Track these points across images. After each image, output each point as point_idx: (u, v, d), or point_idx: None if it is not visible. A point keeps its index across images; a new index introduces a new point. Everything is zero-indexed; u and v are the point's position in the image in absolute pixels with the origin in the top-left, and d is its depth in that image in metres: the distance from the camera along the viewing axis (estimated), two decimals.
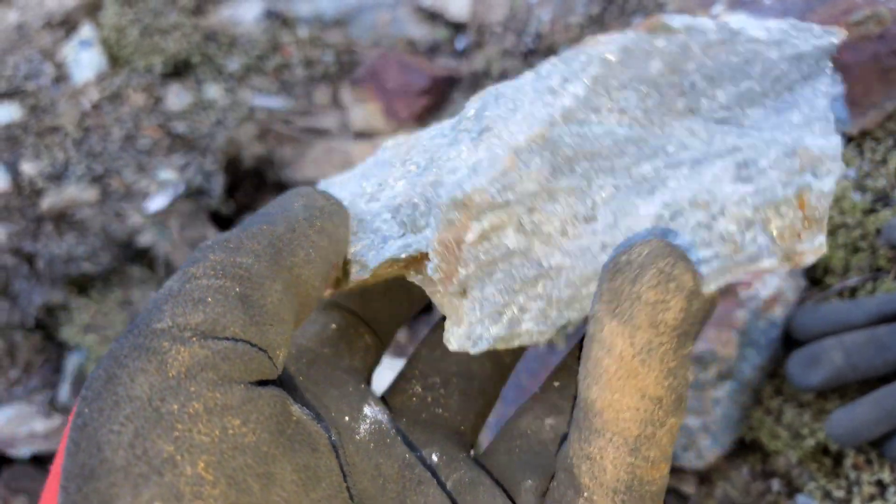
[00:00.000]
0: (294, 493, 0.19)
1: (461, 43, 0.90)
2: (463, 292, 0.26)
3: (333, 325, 0.28)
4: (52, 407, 0.76)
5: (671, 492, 0.64)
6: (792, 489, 0.62)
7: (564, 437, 0.24)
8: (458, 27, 0.91)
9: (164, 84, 0.85)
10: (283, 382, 0.24)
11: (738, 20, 0.29)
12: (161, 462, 0.17)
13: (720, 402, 0.59)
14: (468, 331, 0.26)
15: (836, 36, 0.29)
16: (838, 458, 0.61)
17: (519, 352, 0.28)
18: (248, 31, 0.89)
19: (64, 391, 0.78)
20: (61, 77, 0.86)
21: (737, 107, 0.29)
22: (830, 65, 0.29)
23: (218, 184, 0.82)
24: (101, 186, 0.80)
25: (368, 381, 0.28)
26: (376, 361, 0.29)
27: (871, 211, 0.67)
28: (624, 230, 0.26)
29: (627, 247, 0.21)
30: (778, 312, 0.61)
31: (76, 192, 0.79)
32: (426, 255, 0.27)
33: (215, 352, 0.19)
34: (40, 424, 0.73)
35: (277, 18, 0.90)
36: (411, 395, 0.27)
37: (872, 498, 0.58)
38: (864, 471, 0.59)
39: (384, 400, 0.28)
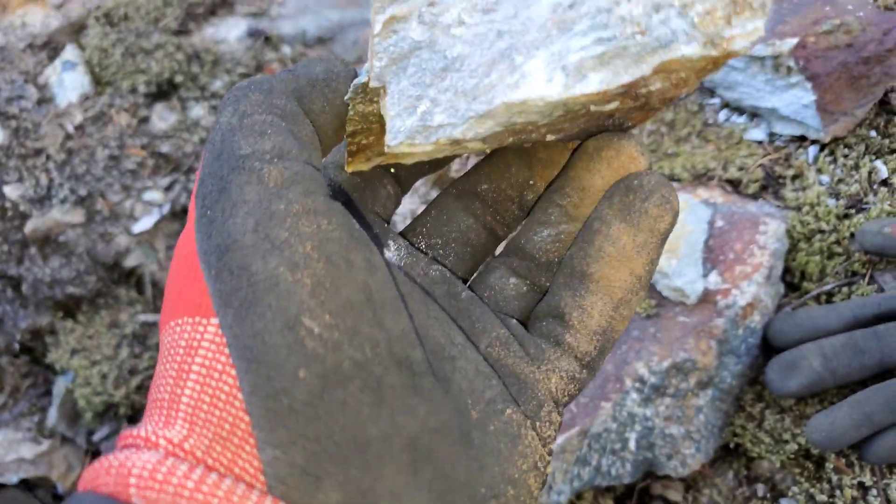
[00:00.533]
0: (364, 274, 0.25)
1: None
2: (383, 89, 0.27)
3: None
4: (41, 432, 0.76)
5: (659, 499, 0.65)
6: (776, 493, 0.63)
7: (527, 294, 0.31)
8: None
9: (149, 104, 0.86)
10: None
11: None
12: (281, 242, 0.23)
13: (702, 410, 0.60)
14: (389, 125, 0.27)
15: None
16: (820, 462, 0.62)
17: (513, 224, 0.33)
18: (232, 50, 0.90)
19: (52, 415, 0.78)
20: (44, 99, 0.87)
21: None
22: None
23: None
24: (85, 208, 0.80)
25: (388, 223, 0.33)
26: (396, 206, 0.34)
27: (845, 216, 0.68)
28: (523, 19, 0.26)
29: (637, 174, 0.28)
30: (756, 319, 0.62)
31: (61, 215, 0.79)
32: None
33: (295, 171, 0.25)
34: (28, 450, 0.73)
35: (261, 37, 0.91)
36: (416, 247, 0.33)
37: (855, 500, 0.59)
38: (845, 474, 0.60)
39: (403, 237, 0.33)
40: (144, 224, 0.79)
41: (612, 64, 0.25)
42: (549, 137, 0.28)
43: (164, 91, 0.86)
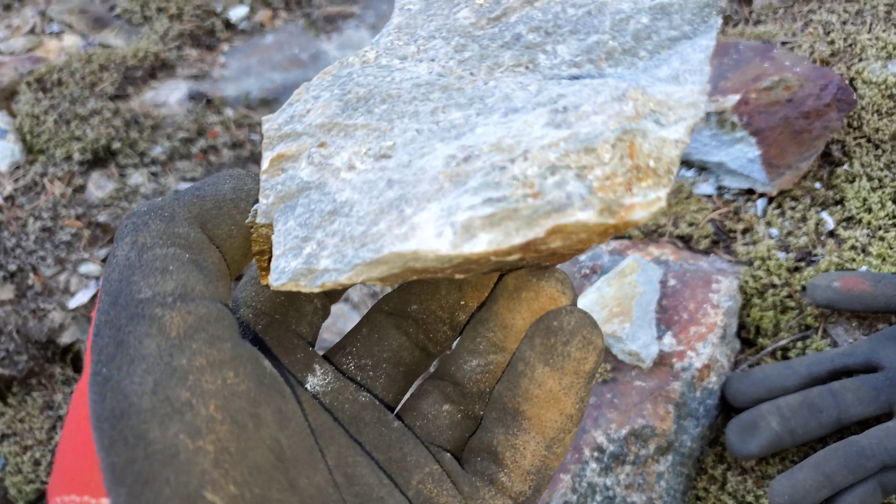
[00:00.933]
0: (274, 430, 0.23)
1: None
2: (269, 226, 0.27)
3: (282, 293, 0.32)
4: None
5: None
6: None
7: (460, 422, 0.30)
8: None
9: (84, 172, 0.82)
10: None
11: None
12: (181, 405, 0.21)
13: (663, 475, 0.58)
14: (274, 264, 0.26)
15: None
16: None
17: (445, 344, 0.32)
18: (173, 113, 0.88)
19: None
20: None
21: (588, 63, 0.27)
22: (718, 19, 0.26)
23: None
24: (16, 284, 0.76)
25: (314, 342, 0.32)
26: (324, 318, 0.33)
27: (795, 269, 0.68)
28: (415, 170, 0.25)
29: (557, 312, 0.28)
30: (713, 380, 0.61)
31: None
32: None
33: (200, 315, 0.23)
34: None
35: (203, 100, 0.89)
36: (344, 370, 0.31)
37: None
38: None
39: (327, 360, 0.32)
40: (81, 298, 0.76)
41: (502, 225, 0.23)
42: (459, 276, 0.26)
43: (100, 158, 0.83)
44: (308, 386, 0.29)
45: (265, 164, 0.27)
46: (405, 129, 0.26)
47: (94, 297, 0.76)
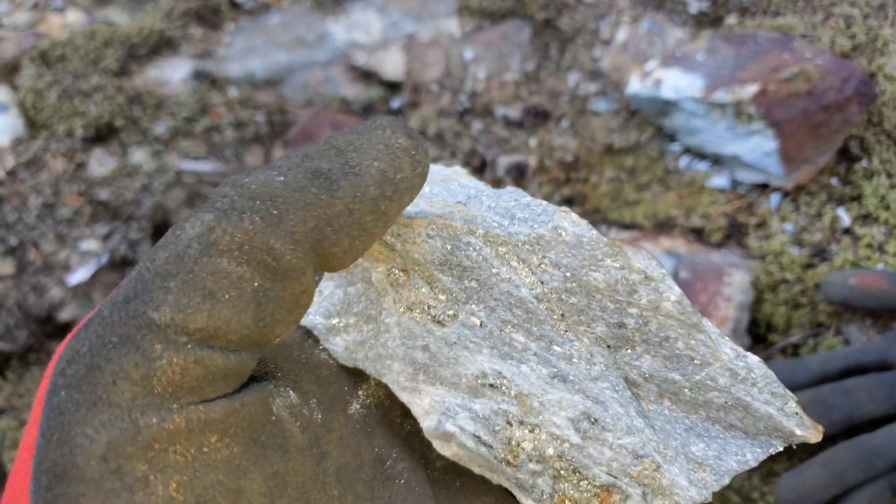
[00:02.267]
0: (261, 502, 0.19)
1: (396, 102, 0.88)
2: None
3: None
4: None
5: None
6: None
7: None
8: (393, 86, 0.89)
9: (86, 149, 0.81)
10: (278, 356, 0.24)
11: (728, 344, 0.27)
12: (134, 481, 0.17)
13: None
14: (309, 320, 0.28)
15: (803, 430, 0.25)
16: None
17: None
18: (176, 92, 0.86)
19: None
20: None
21: (653, 385, 0.26)
22: (779, 447, 0.26)
23: (144, 253, 0.78)
24: (16, 259, 0.75)
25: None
26: None
27: (809, 266, 0.67)
28: (451, 356, 0.26)
29: None
30: None
31: None
32: None
33: (208, 370, 0.18)
34: None
35: (206, 79, 0.88)
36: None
37: None
38: None
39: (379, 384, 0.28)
40: (81, 275, 0.74)
41: (472, 459, 0.25)
42: None
43: (102, 135, 0.82)
44: (352, 409, 0.25)
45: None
46: (472, 313, 0.26)
47: (94, 275, 0.75)
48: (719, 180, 0.74)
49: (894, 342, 0.58)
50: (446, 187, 0.29)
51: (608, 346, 0.26)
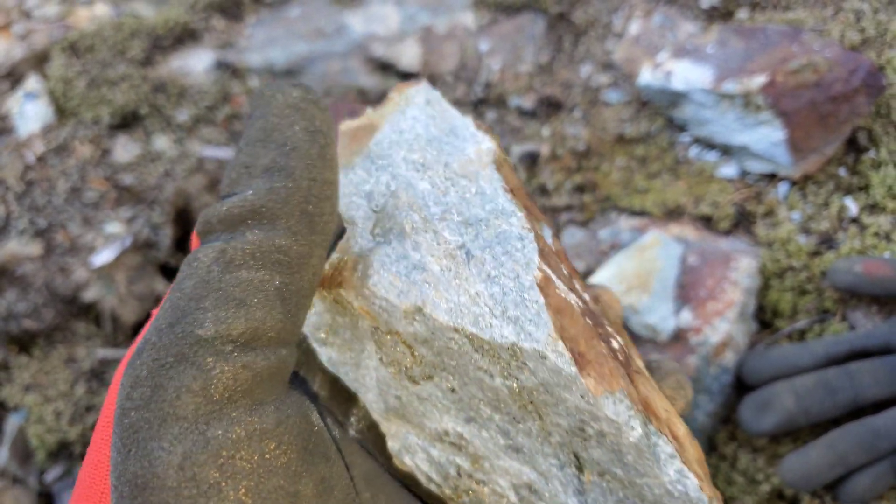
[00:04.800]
0: None
1: None
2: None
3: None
4: None
5: None
6: None
7: None
8: (409, 77, 0.91)
9: (112, 136, 0.84)
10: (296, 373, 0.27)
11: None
12: (208, 487, 0.19)
13: None
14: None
15: None
16: (794, 503, 0.61)
17: None
18: (198, 81, 0.89)
19: (3, 454, 0.75)
20: (5, 129, 0.84)
21: (598, 466, 0.28)
22: None
23: (166, 236, 0.80)
24: (44, 241, 0.77)
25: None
26: None
27: (815, 253, 0.68)
28: (420, 411, 0.28)
29: (657, 359, 0.32)
30: (728, 357, 0.61)
31: (18, 247, 0.77)
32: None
33: (255, 371, 0.21)
34: None
35: (228, 69, 0.90)
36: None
37: None
38: None
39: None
40: (105, 257, 0.77)
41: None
42: None
43: (127, 122, 0.84)
44: (352, 430, 0.27)
45: None
46: (446, 380, 0.27)
47: (118, 257, 0.77)
48: (728, 170, 0.75)
49: None
50: (439, 149, 0.29)
51: (567, 431, 0.27)
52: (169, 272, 0.86)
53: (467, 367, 0.27)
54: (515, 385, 0.27)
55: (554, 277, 0.28)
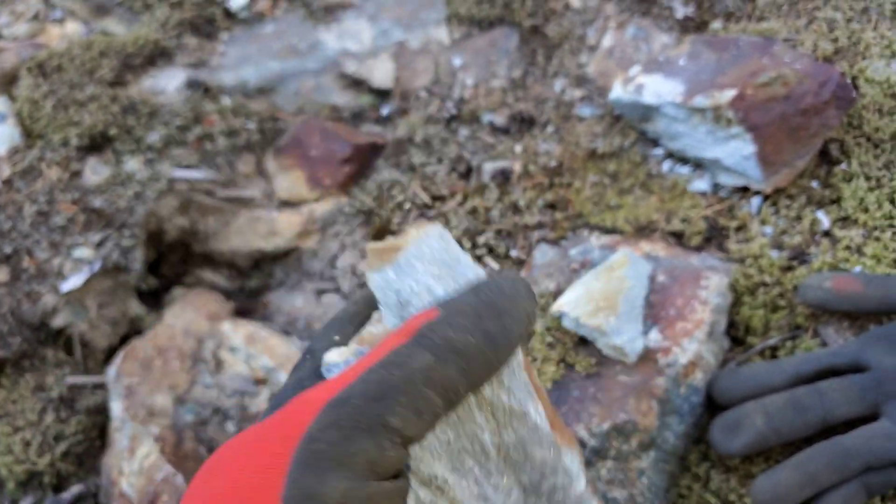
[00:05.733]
0: None
1: (386, 109, 0.90)
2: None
3: None
4: None
5: None
6: None
7: None
8: (382, 94, 0.91)
9: (81, 158, 0.83)
10: None
11: None
12: None
13: (645, 472, 0.58)
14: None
15: None
16: None
17: None
18: (170, 101, 0.88)
19: None
20: None
21: None
22: None
23: (137, 259, 0.79)
24: (10, 266, 0.77)
25: None
26: None
27: (788, 268, 0.67)
28: (418, 457, 0.32)
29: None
30: (698, 377, 0.60)
31: None
32: None
33: (397, 461, 0.28)
34: None
35: (200, 88, 0.89)
36: None
37: None
38: None
39: None
40: (74, 282, 0.76)
41: None
42: None
43: (97, 144, 0.84)
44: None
45: None
46: (444, 432, 0.33)
47: (87, 281, 0.76)
48: (701, 184, 0.75)
49: (867, 344, 0.58)
50: (450, 271, 0.36)
51: (524, 490, 0.36)
52: (142, 295, 0.85)
53: (465, 422, 0.33)
54: (499, 441, 0.34)
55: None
